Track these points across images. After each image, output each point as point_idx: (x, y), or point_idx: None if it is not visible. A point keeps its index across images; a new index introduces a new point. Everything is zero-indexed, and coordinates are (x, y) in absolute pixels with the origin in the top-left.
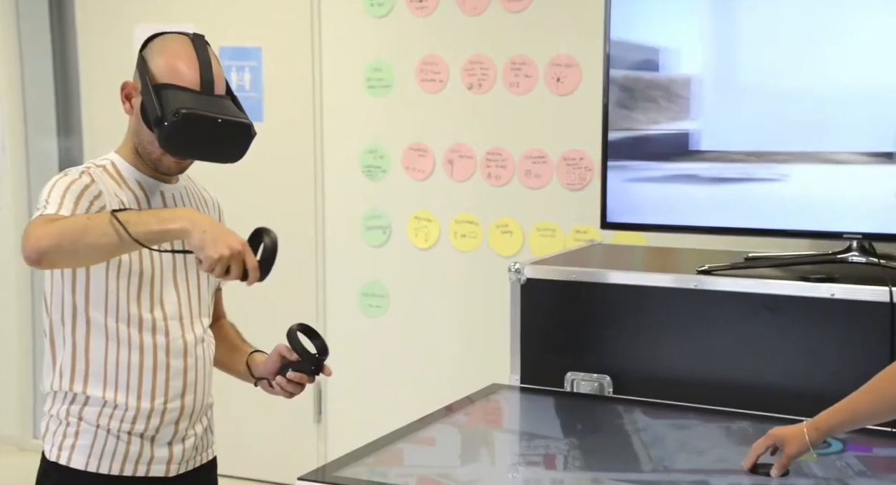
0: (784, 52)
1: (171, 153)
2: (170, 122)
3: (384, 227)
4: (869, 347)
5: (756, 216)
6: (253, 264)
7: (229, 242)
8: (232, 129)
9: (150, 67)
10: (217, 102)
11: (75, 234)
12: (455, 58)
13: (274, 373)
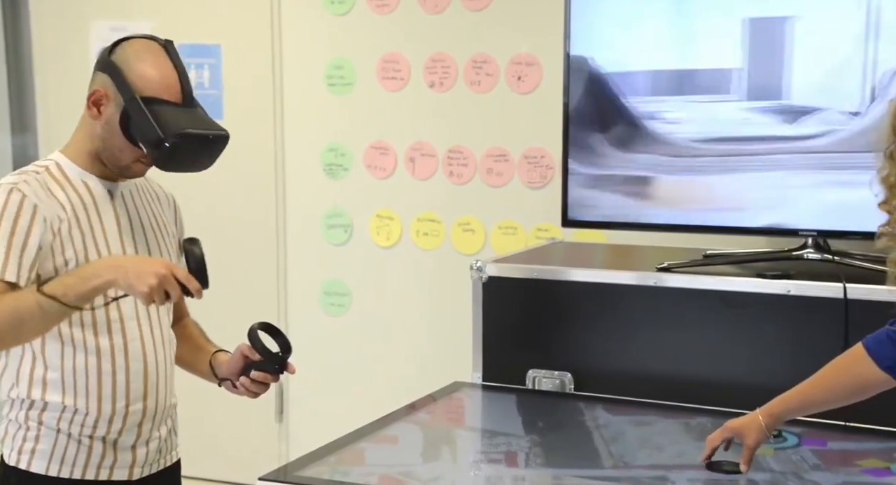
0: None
1: (166, 170)
2: (171, 144)
3: (346, 225)
4: (824, 342)
5: (714, 214)
6: (186, 277)
7: (153, 270)
8: (217, 141)
9: (131, 78)
10: (199, 115)
11: (12, 327)
12: (416, 56)
13: (237, 373)
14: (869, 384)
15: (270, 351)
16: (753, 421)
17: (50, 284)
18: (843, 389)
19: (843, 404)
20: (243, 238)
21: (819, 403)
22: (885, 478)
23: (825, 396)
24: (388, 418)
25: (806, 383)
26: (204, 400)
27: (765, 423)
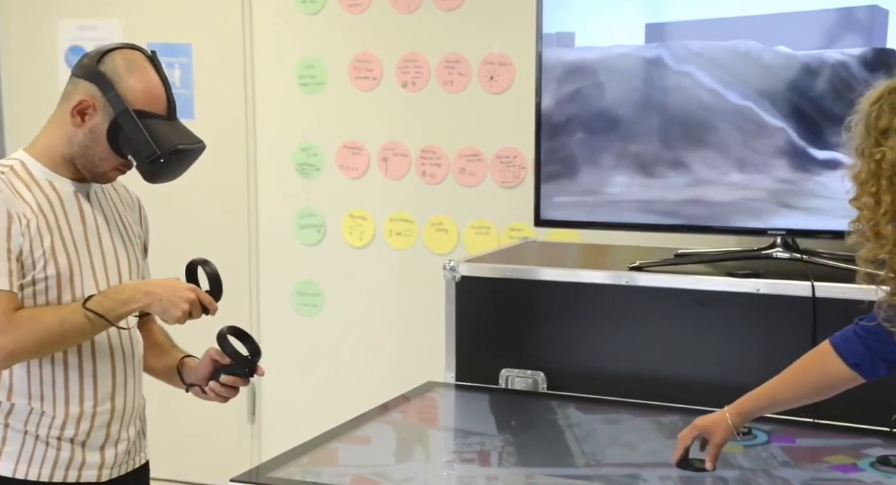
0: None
1: (152, 182)
2: (167, 159)
3: (318, 225)
4: (793, 340)
5: (685, 213)
6: (208, 300)
7: (184, 297)
8: (198, 154)
9: (121, 90)
10: (182, 127)
11: (53, 343)
12: (389, 56)
13: (206, 378)
14: (836, 382)
15: (241, 355)
16: (721, 419)
17: (91, 302)
18: (811, 386)
19: (811, 401)
20: (215, 239)
21: (787, 400)
22: (851, 474)
23: (793, 393)
24: (360, 418)
25: (773, 381)
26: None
27: (732, 421)
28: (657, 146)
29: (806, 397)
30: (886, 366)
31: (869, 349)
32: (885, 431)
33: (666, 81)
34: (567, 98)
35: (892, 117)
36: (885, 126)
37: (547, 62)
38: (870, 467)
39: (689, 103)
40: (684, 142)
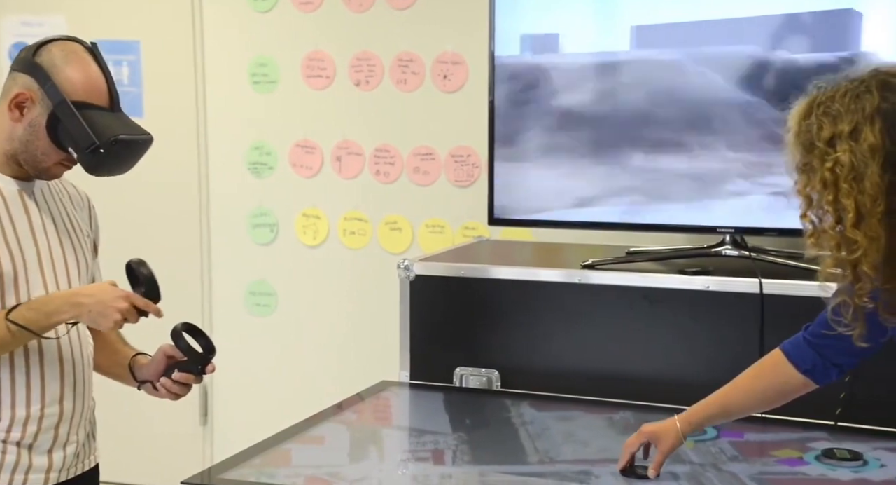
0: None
1: (94, 174)
2: (107, 150)
3: (271, 224)
4: (741, 336)
5: (637, 212)
6: (143, 303)
7: (115, 306)
8: (144, 146)
9: (59, 81)
10: (126, 119)
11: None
12: (341, 54)
13: (158, 375)
14: (789, 388)
15: (195, 351)
16: (670, 427)
17: (14, 314)
18: (764, 394)
19: (764, 409)
20: (166, 238)
21: (739, 409)
22: (798, 467)
23: (745, 402)
24: (314, 418)
25: (725, 390)
26: (124, 402)
27: (682, 429)
28: (611, 144)
29: (758, 405)
30: (837, 370)
31: (820, 355)
32: (830, 424)
33: (621, 79)
34: (520, 96)
35: (834, 126)
36: (829, 135)
37: (500, 60)
38: (815, 461)
39: (642, 103)
40: (637, 140)
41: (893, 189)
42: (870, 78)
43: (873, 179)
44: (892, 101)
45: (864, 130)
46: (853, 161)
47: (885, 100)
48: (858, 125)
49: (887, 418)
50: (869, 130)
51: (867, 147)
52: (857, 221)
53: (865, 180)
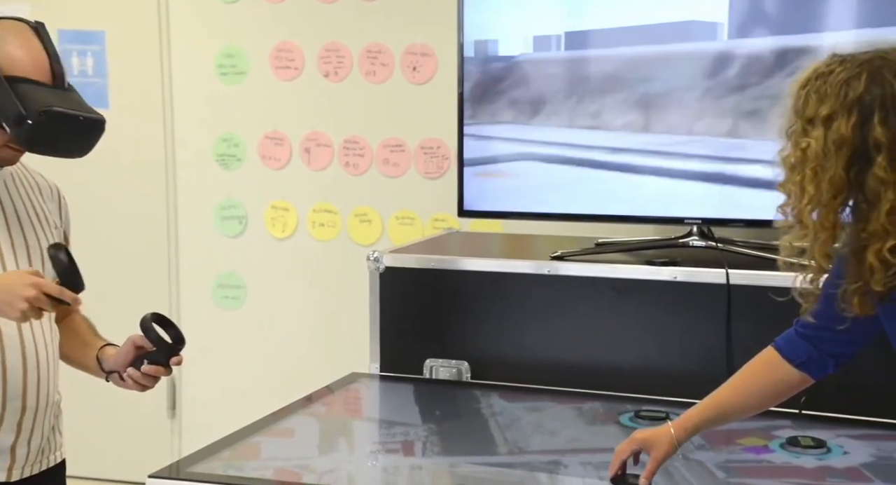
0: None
1: (34, 151)
2: (36, 121)
3: (240, 216)
4: (709, 326)
5: (605, 203)
6: (58, 291)
7: (21, 295)
8: (90, 125)
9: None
10: (71, 97)
11: None
12: (310, 45)
13: (126, 365)
14: (785, 386)
15: (165, 342)
16: (664, 434)
17: None
18: (759, 393)
19: (760, 410)
20: (134, 231)
21: (736, 411)
22: (763, 454)
23: (741, 404)
24: (284, 410)
25: (719, 392)
26: (91, 396)
27: (676, 436)
28: (580, 136)
29: (754, 406)
30: (833, 361)
31: (815, 347)
32: (795, 413)
33: (589, 71)
34: (489, 87)
35: (818, 105)
36: (811, 114)
37: (469, 52)
38: (780, 448)
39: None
40: (605, 132)
41: (857, 184)
42: (869, 61)
43: (836, 173)
44: (874, 94)
45: (839, 119)
46: (821, 150)
47: (868, 91)
48: (835, 113)
49: (850, 406)
50: (843, 121)
51: (837, 138)
52: (814, 209)
53: (828, 172)
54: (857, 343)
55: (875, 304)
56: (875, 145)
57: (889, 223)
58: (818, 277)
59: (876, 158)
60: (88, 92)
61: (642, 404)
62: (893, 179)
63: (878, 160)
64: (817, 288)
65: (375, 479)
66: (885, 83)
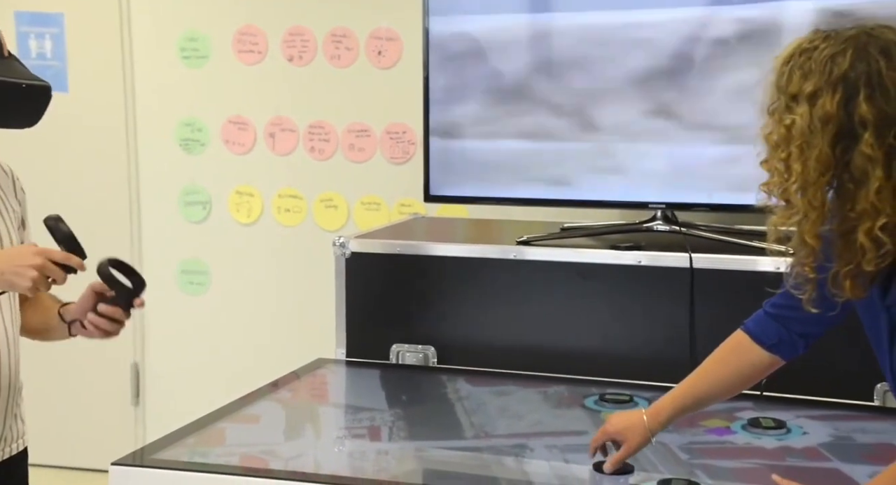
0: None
1: None
2: None
3: (204, 202)
4: (672, 310)
5: (570, 188)
6: (64, 257)
7: (29, 263)
8: (34, 93)
9: None
10: (11, 65)
11: None
12: (274, 29)
13: (86, 312)
14: (756, 369)
15: (122, 284)
16: (637, 424)
17: None
18: (731, 378)
19: (733, 394)
20: (95, 217)
21: (709, 397)
22: (725, 436)
23: (714, 389)
24: (249, 396)
25: (691, 380)
26: (53, 384)
27: (650, 427)
28: (546, 120)
29: (727, 390)
30: (804, 341)
31: (785, 327)
32: (756, 394)
33: (553, 53)
34: (455, 72)
35: (802, 82)
36: (794, 90)
37: (434, 37)
38: (741, 430)
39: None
40: (571, 116)
41: (843, 163)
42: (854, 37)
43: (823, 150)
44: (860, 70)
45: (824, 96)
46: (806, 127)
47: (853, 68)
48: (820, 90)
49: (809, 387)
50: (828, 98)
51: (822, 115)
52: (801, 187)
53: (814, 149)
54: (828, 323)
55: (868, 286)
56: (861, 122)
57: (878, 201)
58: (810, 261)
59: (862, 135)
60: (47, 75)
61: (607, 388)
62: (881, 155)
63: (865, 137)
64: (812, 272)
65: (342, 464)
66: (870, 60)
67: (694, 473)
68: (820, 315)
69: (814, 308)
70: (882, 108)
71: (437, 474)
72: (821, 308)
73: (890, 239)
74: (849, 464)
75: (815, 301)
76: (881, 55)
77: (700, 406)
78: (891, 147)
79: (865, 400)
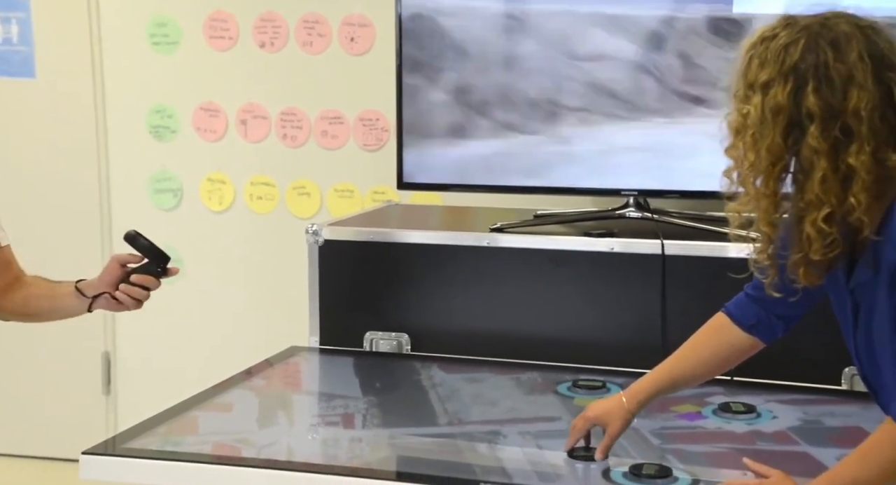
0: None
1: None
2: None
3: (175, 189)
4: (644, 296)
5: (543, 175)
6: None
7: None
8: None
9: None
10: None
11: None
12: (245, 15)
13: (115, 284)
14: (735, 350)
15: (157, 249)
16: (616, 408)
17: None
18: (711, 359)
19: (712, 376)
20: (65, 205)
21: (688, 378)
22: (696, 421)
23: (693, 370)
24: (222, 384)
25: (671, 361)
26: (23, 373)
27: (629, 409)
28: (519, 107)
29: (706, 372)
30: (783, 324)
31: (764, 309)
32: (727, 379)
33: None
34: (427, 59)
35: (758, 71)
36: (752, 79)
37: (406, 23)
38: (712, 414)
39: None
40: (543, 103)
41: (794, 153)
42: (808, 27)
43: (775, 140)
44: (809, 62)
45: (776, 87)
46: (760, 116)
47: (803, 59)
48: (773, 80)
49: (779, 372)
50: (780, 88)
51: (773, 105)
52: (756, 176)
53: (766, 139)
54: (806, 306)
55: (822, 274)
56: (808, 114)
57: (822, 192)
58: (766, 248)
59: (809, 127)
60: (14, 61)
61: (580, 374)
62: (825, 148)
63: (811, 129)
64: (769, 258)
65: (315, 452)
66: (819, 51)
67: (666, 457)
68: (800, 299)
69: (776, 292)
70: (828, 100)
71: (411, 461)
72: (783, 293)
73: (837, 229)
74: (817, 447)
75: (776, 286)
76: (830, 47)
77: (678, 387)
78: (836, 139)
79: (834, 384)
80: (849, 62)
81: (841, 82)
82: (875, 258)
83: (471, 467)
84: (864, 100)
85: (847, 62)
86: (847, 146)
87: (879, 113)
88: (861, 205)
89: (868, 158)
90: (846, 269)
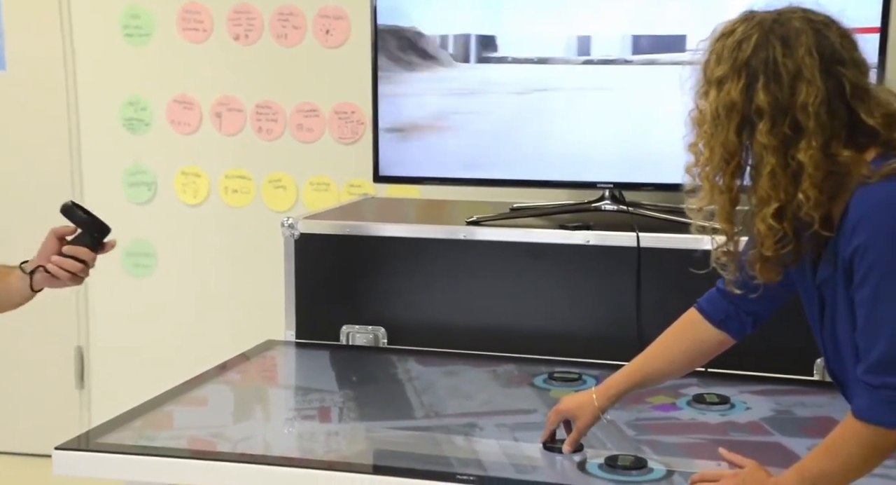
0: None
1: None
2: None
3: (149, 183)
4: (620, 288)
5: (519, 168)
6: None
7: None
8: None
9: None
10: None
11: None
12: (219, 7)
13: (49, 257)
14: (706, 346)
15: (89, 219)
16: (587, 403)
17: None
18: (683, 355)
19: (684, 372)
20: (36, 198)
21: (659, 374)
22: (671, 412)
23: (664, 367)
24: (197, 378)
25: (642, 357)
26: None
27: (599, 405)
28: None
29: (677, 368)
30: (752, 320)
31: (733, 303)
32: (701, 371)
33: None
34: (402, 53)
35: (715, 67)
36: (709, 75)
37: (382, 15)
38: (686, 406)
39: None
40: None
41: (747, 149)
42: (761, 23)
43: (728, 136)
44: (760, 57)
45: (730, 83)
46: (714, 112)
47: (755, 55)
48: (727, 76)
49: (752, 363)
50: (733, 85)
51: (727, 101)
52: (714, 172)
53: (720, 135)
54: (774, 303)
55: (780, 271)
56: (757, 111)
57: (771, 188)
58: (726, 244)
59: (758, 123)
60: None
61: (555, 366)
62: (774, 144)
63: (760, 126)
64: (727, 255)
65: (291, 445)
66: (769, 47)
67: (641, 448)
68: (767, 295)
69: (737, 289)
70: (777, 96)
71: (388, 455)
72: (744, 289)
73: (789, 225)
74: (789, 437)
75: (737, 282)
76: (780, 43)
77: (650, 383)
78: (785, 135)
79: (805, 375)
80: (797, 58)
81: (789, 78)
82: (833, 254)
83: (447, 460)
84: (812, 95)
85: (795, 58)
86: (796, 142)
87: (828, 108)
88: (810, 200)
89: (816, 152)
90: (813, 265)
